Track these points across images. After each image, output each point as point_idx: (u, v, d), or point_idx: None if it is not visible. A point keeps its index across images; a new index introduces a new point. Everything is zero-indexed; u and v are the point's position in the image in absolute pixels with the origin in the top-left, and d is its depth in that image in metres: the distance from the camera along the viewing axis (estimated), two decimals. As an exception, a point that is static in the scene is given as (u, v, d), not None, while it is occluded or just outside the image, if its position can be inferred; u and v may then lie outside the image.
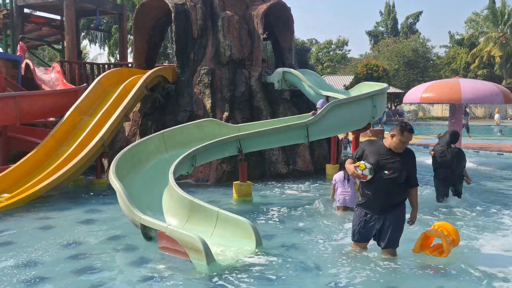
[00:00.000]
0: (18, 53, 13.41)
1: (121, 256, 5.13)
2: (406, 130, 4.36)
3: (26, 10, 15.68)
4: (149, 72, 10.24)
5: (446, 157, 6.86)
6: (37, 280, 4.32)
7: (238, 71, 10.69)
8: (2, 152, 10.00)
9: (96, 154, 8.73)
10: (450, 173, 6.93)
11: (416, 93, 12.23)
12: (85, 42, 38.86)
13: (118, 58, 42.00)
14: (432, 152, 7.11)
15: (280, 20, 11.82)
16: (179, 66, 10.81)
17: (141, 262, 4.84)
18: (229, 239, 5.30)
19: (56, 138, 9.10)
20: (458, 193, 7.20)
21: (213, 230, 5.46)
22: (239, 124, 8.68)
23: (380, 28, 63.68)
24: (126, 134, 10.70)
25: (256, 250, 4.96)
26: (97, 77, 13.61)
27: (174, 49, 10.86)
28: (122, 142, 10.58)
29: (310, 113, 9.10)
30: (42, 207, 7.35)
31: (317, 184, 9.35)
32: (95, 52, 53.20)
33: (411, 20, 60.89)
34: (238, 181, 8.01)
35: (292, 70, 10.61)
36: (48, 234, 5.89)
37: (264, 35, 11.85)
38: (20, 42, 13.67)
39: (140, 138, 10.31)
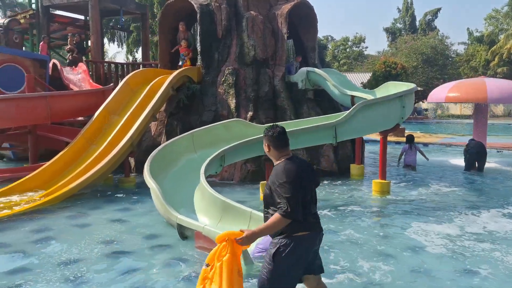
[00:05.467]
0: (40, 53, 13.68)
1: (157, 254, 5.24)
2: None
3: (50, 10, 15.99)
4: (175, 72, 10.36)
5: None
6: (79, 277, 4.45)
7: (262, 71, 10.75)
8: (32, 150, 10.26)
9: (125, 154, 8.90)
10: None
11: (441, 93, 12.15)
12: (103, 41, 39.28)
13: (135, 57, 42.59)
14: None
15: (303, 19, 11.82)
16: (204, 66, 10.92)
17: (179, 261, 4.94)
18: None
19: (86, 137, 9.29)
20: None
21: (246, 230, 5.55)
22: (265, 125, 8.71)
23: (398, 25, 62.97)
24: (152, 134, 10.86)
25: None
26: (119, 76, 13.91)
27: (199, 50, 10.95)
28: (148, 141, 10.75)
29: None
30: (75, 205, 7.54)
31: (342, 185, 9.37)
32: (114, 51, 53.83)
33: (430, 17, 60.04)
34: (265, 181, 8.06)
35: (316, 69, 10.62)
36: (85, 232, 6.05)
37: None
38: (42, 42, 13.95)
39: (166, 137, 10.50)
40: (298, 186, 3.16)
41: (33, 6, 15.20)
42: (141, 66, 14.24)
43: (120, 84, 10.42)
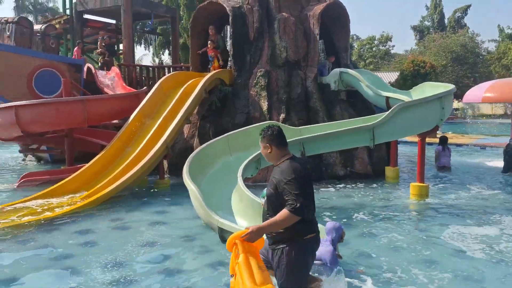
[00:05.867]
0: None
1: (199, 258, 5.26)
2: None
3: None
4: (208, 75, 10.42)
5: None
6: (125, 281, 4.49)
7: (294, 73, 10.69)
8: (69, 153, 10.51)
9: (160, 156, 8.99)
10: None
11: (477, 93, 11.80)
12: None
13: (162, 59, 43.19)
14: None
15: (335, 19, 11.70)
16: (236, 69, 10.94)
17: (220, 264, 4.93)
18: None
19: (122, 140, 9.44)
20: None
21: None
22: (300, 127, 8.66)
23: (426, 23, 61.71)
24: (185, 136, 10.95)
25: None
26: (150, 80, 14.11)
27: (231, 52, 10.98)
28: (181, 144, 10.84)
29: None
30: (114, 208, 7.66)
31: (377, 188, 9.21)
32: (140, 53, 54.75)
33: (459, 14, 58.59)
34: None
35: (349, 70, 10.49)
36: (126, 235, 6.13)
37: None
38: (76, 48, 14.31)
39: (199, 140, 10.57)
40: (306, 184, 3.15)
41: (67, 11, 15.57)
42: (171, 69, 14.39)
43: (154, 87, 10.54)
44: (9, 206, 7.56)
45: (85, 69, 12.94)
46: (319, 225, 5.25)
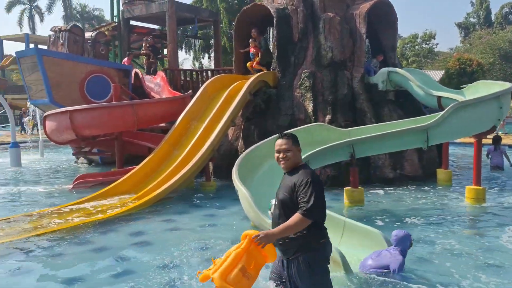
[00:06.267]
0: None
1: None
2: (279, 138, 3.34)
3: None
4: (252, 77, 10.44)
5: None
6: (181, 284, 4.51)
7: (339, 73, 10.51)
8: (119, 155, 10.82)
9: (207, 159, 9.09)
10: None
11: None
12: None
13: (202, 63, 43.88)
14: None
15: (382, 18, 11.41)
16: (280, 70, 10.89)
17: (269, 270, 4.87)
18: (358, 249, 5.20)
19: (170, 143, 9.62)
20: None
21: (340, 239, 5.39)
22: (349, 128, 8.49)
23: (471, 19, 59.30)
24: (230, 139, 11.01)
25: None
26: (193, 83, 14.33)
27: (275, 54, 10.94)
28: (225, 146, 10.91)
29: None
30: (164, 209, 7.80)
31: (429, 191, 8.86)
32: (181, 58, 55.86)
33: (507, 10, 55.90)
34: (350, 187, 7.84)
35: (398, 69, 10.19)
36: (178, 236, 6.20)
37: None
38: (126, 58, 14.79)
39: (243, 142, 10.60)
40: (321, 188, 3.10)
41: (115, 19, 16.11)
42: (214, 72, 14.54)
43: (199, 91, 10.68)
44: (65, 207, 7.86)
45: (132, 74, 13.31)
46: (375, 231, 5.14)
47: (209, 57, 41.53)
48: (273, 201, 3.47)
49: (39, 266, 5.11)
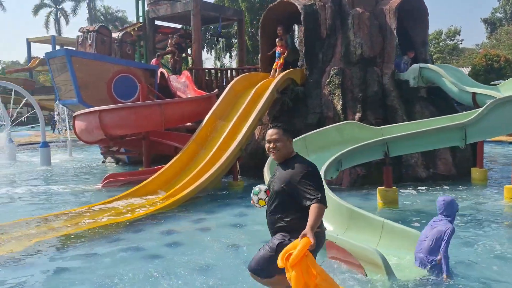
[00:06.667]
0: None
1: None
2: (270, 128, 3.36)
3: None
4: (280, 75, 10.31)
5: None
6: (216, 285, 4.43)
7: (369, 70, 10.26)
8: (146, 155, 10.85)
9: (235, 158, 9.01)
10: None
11: None
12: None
13: (223, 62, 43.94)
14: None
15: (412, 13, 11.09)
16: (307, 68, 10.72)
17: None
18: (398, 251, 5.01)
19: (197, 142, 9.58)
20: None
21: (378, 241, 5.21)
22: (381, 127, 8.26)
23: (498, 15, 57.56)
24: (256, 138, 10.90)
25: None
26: (217, 82, 14.29)
27: (303, 51, 10.78)
28: (252, 145, 10.80)
29: None
30: (192, 209, 7.74)
31: (465, 190, 8.56)
32: (203, 57, 56.01)
33: (535, 3, 54.03)
34: (383, 187, 7.61)
35: (430, 65, 9.90)
36: (209, 236, 6.13)
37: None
38: (155, 59, 14.91)
39: (270, 141, 10.46)
40: (320, 176, 3.23)
41: (140, 19, 16.21)
42: (239, 71, 14.46)
43: (226, 89, 10.62)
44: (95, 206, 7.89)
45: (158, 74, 13.34)
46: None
47: (230, 56, 41.56)
48: (261, 188, 3.46)
49: (75, 265, 5.12)
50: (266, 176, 6.36)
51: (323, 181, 3.19)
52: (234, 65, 38.60)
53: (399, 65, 10.52)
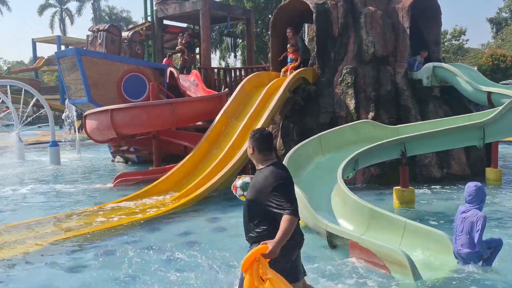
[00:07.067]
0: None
1: (305, 264, 5.01)
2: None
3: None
4: (292, 74, 10.24)
5: None
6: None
7: (382, 69, 10.17)
8: (156, 154, 10.80)
9: (247, 158, 8.92)
10: None
11: None
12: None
13: (228, 62, 43.83)
14: None
15: (424, 11, 10.99)
16: (319, 67, 10.64)
17: (329, 273, 4.65)
18: (420, 251, 4.94)
19: (209, 141, 9.52)
20: None
21: (400, 241, 5.13)
22: (397, 126, 8.17)
23: (504, 14, 57.17)
24: (268, 137, 10.81)
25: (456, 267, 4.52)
26: (226, 82, 14.23)
27: (315, 50, 10.70)
28: (264, 144, 10.72)
29: None
30: (206, 208, 7.69)
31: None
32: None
33: (542, 3, 53.71)
34: (399, 187, 7.53)
35: (444, 64, 9.80)
36: (225, 236, 6.07)
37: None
38: (166, 58, 14.86)
39: (282, 140, 10.41)
40: (292, 188, 3.09)
41: (149, 18, 16.18)
42: (248, 70, 14.39)
43: (237, 88, 10.55)
44: (107, 206, 7.84)
45: (167, 73, 13.29)
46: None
47: (235, 56, 41.46)
48: (247, 179, 3.38)
49: (92, 264, 5.06)
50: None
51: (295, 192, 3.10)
52: (238, 65, 38.55)
53: (412, 65, 10.42)
